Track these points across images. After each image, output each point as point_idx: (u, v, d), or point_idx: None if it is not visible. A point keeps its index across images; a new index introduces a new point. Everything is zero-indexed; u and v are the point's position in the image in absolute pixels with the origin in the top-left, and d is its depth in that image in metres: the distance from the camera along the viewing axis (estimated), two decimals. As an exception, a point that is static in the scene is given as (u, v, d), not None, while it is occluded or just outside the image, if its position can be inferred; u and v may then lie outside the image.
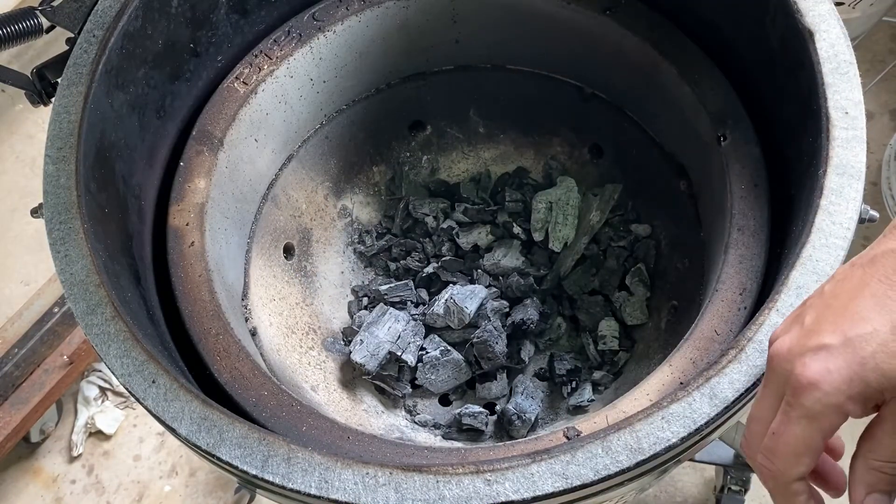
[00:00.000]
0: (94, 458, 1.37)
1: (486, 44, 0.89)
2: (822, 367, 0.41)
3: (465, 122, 0.95)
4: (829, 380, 0.40)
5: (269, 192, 0.84)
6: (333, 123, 0.90)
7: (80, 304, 0.57)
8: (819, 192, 0.56)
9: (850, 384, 0.40)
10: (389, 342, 0.80)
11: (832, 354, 0.41)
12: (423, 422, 0.80)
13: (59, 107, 0.65)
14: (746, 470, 1.15)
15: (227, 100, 0.77)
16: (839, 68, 0.61)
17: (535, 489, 0.47)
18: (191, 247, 0.70)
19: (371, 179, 0.95)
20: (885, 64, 1.54)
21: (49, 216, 0.60)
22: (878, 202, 1.32)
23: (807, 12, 0.63)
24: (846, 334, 0.41)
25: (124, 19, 0.68)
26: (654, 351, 0.79)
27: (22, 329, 1.30)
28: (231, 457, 0.50)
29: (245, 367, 0.63)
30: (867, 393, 0.40)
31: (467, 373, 0.82)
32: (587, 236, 0.89)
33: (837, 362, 0.40)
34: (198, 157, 0.74)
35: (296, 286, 0.85)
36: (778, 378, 0.44)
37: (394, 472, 0.48)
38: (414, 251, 0.92)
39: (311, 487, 0.48)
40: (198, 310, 0.67)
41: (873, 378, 0.40)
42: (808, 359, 0.41)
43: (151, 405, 0.53)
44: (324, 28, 0.81)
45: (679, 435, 0.49)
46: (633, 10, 0.79)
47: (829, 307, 0.43)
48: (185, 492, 1.33)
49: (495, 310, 0.84)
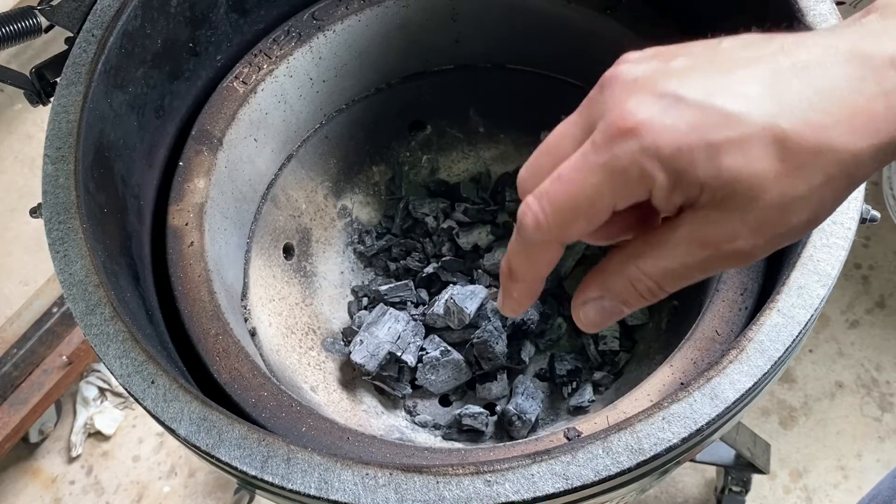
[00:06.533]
0: (94, 459, 1.37)
1: (487, 43, 0.89)
2: (659, 116, 0.30)
3: (465, 122, 0.95)
4: (657, 135, 0.30)
5: (268, 191, 0.84)
6: (333, 123, 0.89)
7: (79, 305, 0.56)
8: (820, 191, 0.56)
9: (678, 154, 0.30)
10: (389, 342, 0.80)
11: (679, 109, 0.30)
12: (423, 422, 0.80)
13: (57, 106, 0.65)
14: (748, 471, 1.15)
15: (226, 99, 0.77)
16: (840, 68, 0.60)
17: (535, 490, 0.47)
18: (190, 247, 0.69)
19: (371, 179, 0.95)
20: (886, 64, 1.54)
21: (48, 216, 0.60)
22: (880, 202, 1.32)
23: (808, 11, 0.63)
24: (711, 100, 0.30)
25: (123, 18, 0.68)
26: (655, 351, 0.79)
27: (21, 329, 1.29)
28: (230, 457, 0.50)
29: (244, 368, 0.63)
30: (687, 178, 0.30)
31: (467, 373, 0.82)
32: (587, 236, 0.88)
33: (679, 122, 0.30)
34: (197, 156, 0.74)
35: (295, 286, 0.85)
36: (598, 106, 0.34)
37: (394, 473, 0.48)
38: (414, 251, 0.92)
39: (311, 488, 0.48)
40: (197, 310, 0.66)
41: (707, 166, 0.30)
42: (648, 100, 0.31)
43: (150, 406, 0.53)
44: (323, 27, 0.81)
45: (680, 435, 0.49)
46: (634, 10, 0.79)
47: (713, 62, 0.32)
48: (185, 492, 1.33)
49: (496, 310, 0.84)
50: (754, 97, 0.30)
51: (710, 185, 0.30)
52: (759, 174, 0.30)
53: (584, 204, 0.32)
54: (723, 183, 0.30)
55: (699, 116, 0.30)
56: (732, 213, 0.31)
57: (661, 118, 0.30)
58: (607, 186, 0.31)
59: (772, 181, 0.30)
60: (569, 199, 0.32)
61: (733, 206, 0.31)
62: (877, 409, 1.28)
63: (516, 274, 0.36)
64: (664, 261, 0.33)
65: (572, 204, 0.32)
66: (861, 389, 1.29)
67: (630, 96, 0.32)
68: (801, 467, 1.24)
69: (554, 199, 0.33)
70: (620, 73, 0.34)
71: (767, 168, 0.30)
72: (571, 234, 0.33)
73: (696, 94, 0.31)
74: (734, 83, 0.31)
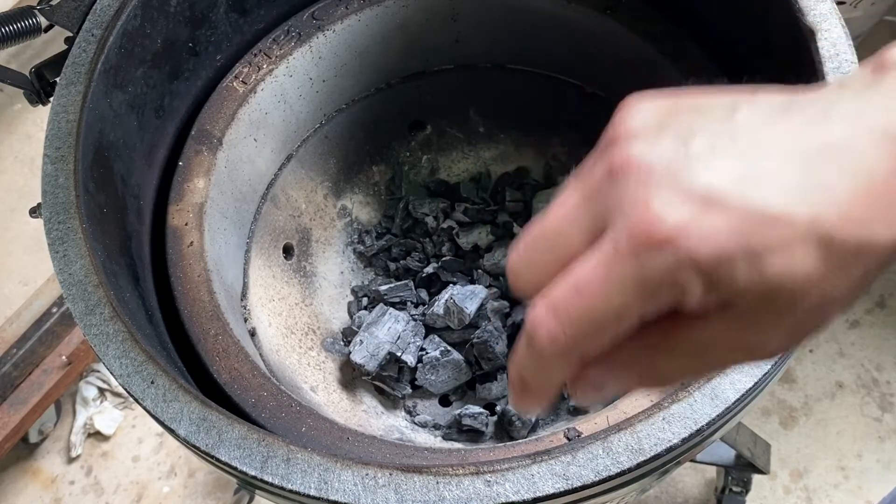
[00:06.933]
0: (93, 459, 1.37)
1: (487, 43, 0.89)
2: (693, 222, 0.27)
3: (465, 122, 0.95)
4: (693, 245, 0.27)
5: (268, 191, 0.84)
6: (333, 123, 0.89)
7: (78, 305, 0.56)
8: (821, 191, 0.56)
9: (717, 263, 0.27)
10: (389, 342, 0.80)
11: (714, 212, 0.27)
12: (423, 422, 0.80)
13: (57, 106, 0.65)
14: (748, 471, 1.15)
15: (226, 99, 0.77)
16: (841, 67, 0.60)
17: (535, 490, 0.47)
18: (190, 247, 0.69)
19: (371, 179, 0.95)
20: (886, 64, 1.54)
21: (48, 216, 0.60)
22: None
23: (808, 11, 0.63)
24: (747, 198, 0.27)
25: (123, 18, 0.68)
26: (655, 351, 0.79)
27: (20, 329, 1.29)
28: (230, 457, 0.50)
29: (244, 368, 0.63)
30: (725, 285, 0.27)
31: (467, 373, 0.82)
32: (587, 236, 0.88)
33: (716, 227, 0.27)
34: (197, 156, 0.74)
35: (295, 286, 0.85)
36: (611, 198, 0.29)
37: (394, 473, 0.48)
38: (414, 251, 0.91)
39: (311, 488, 0.48)
40: (197, 310, 0.66)
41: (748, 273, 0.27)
42: (676, 201, 0.27)
43: (150, 406, 0.53)
44: (323, 27, 0.81)
45: (680, 436, 0.49)
46: (634, 10, 0.79)
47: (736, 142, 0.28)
48: (184, 492, 1.33)
49: (496, 310, 0.84)
50: (792, 191, 0.27)
51: (749, 291, 0.28)
52: (803, 278, 0.27)
53: (608, 320, 0.29)
54: (764, 289, 0.28)
55: (737, 219, 0.27)
56: (769, 316, 0.29)
57: (695, 224, 0.27)
58: (636, 301, 0.28)
59: (814, 284, 0.28)
60: (591, 315, 0.29)
61: (772, 310, 0.28)
62: (877, 409, 1.28)
63: (529, 386, 0.33)
64: (685, 358, 0.30)
65: (595, 320, 0.29)
66: (861, 389, 1.29)
67: (653, 194, 0.28)
68: (802, 467, 1.24)
69: (573, 315, 0.29)
70: (633, 160, 0.29)
71: (811, 271, 0.27)
72: (593, 350, 0.30)
73: (729, 191, 0.27)
74: (767, 173, 0.28)
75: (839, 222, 0.27)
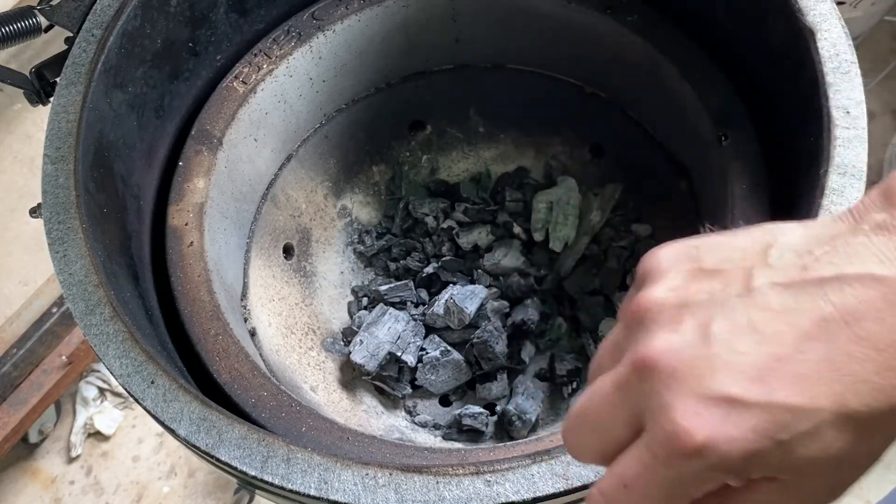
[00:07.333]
0: (93, 459, 1.37)
1: (487, 43, 0.89)
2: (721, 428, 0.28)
3: (465, 122, 0.95)
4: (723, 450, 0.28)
5: (268, 191, 0.84)
6: (333, 123, 0.89)
7: (78, 305, 0.56)
8: (820, 191, 0.56)
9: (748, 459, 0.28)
10: (389, 342, 0.80)
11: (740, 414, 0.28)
12: (423, 422, 0.80)
13: (57, 106, 0.65)
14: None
15: (226, 99, 0.77)
16: (840, 67, 0.60)
17: (535, 490, 0.47)
18: (190, 247, 0.69)
19: (371, 179, 0.95)
20: (887, 63, 1.54)
21: (48, 216, 0.60)
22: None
23: (808, 11, 0.63)
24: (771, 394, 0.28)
25: (123, 18, 0.68)
26: (655, 351, 0.79)
27: (20, 329, 1.29)
28: (230, 457, 0.50)
29: (244, 368, 0.63)
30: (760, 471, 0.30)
31: (467, 373, 0.82)
32: (588, 236, 0.88)
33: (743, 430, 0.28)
34: (197, 156, 0.74)
35: (295, 286, 0.85)
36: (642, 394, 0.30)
37: (394, 473, 0.48)
38: (414, 251, 0.91)
39: (311, 488, 0.48)
40: (197, 310, 0.66)
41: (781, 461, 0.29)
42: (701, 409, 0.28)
43: (150, 406, 0.53)
44: (323, 27, 0.81)
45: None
46: (634, 10, 0.78)
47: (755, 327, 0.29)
48: (184, 492, 1.33)
49: (495, 310, 0.84)
50: (815, 378, 0.28)
51: (785, 472, 0.29)
52: (836, 454, 0.29)
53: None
54: (799, 470, 0.29)
55: (763, 418, 0.28)
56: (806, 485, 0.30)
57: (723, 431, 0.28)
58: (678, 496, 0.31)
59: (846, 454, 0.29)
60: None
61: (808, 482, 0.30)
62: (877, 409, 1.27)
63: None
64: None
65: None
66: (861, 389, 1.29)
67: (679, 401, 0.29)
68: (802, 467, 1.24)
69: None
70: (658, 358, 0.30)
71: (842, 446, 0.29)
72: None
73: (752, 391, 0.28)
74: (788, 361, 0.28)
75: (866, 398, 0.28)
